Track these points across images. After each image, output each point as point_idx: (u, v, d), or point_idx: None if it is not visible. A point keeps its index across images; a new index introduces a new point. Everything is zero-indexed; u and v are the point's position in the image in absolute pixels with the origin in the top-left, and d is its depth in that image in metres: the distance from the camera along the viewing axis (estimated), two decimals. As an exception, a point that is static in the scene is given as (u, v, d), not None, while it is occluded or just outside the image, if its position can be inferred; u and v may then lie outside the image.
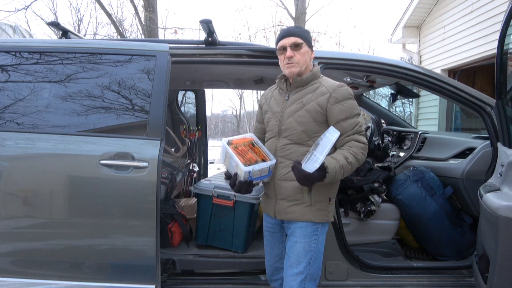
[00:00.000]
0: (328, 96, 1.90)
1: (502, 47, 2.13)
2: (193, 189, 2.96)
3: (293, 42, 1.93)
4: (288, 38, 1.95)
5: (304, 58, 1.95)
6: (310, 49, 1.99)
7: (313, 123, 1.91)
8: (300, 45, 1.93)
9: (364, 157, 1.90)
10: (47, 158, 2.23)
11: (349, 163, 1.83)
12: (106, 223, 2.22)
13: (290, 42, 1.94)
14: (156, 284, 2.22)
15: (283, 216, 1.96)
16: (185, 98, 4.47)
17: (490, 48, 5.96)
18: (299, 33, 1.96)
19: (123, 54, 2.36)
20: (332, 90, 1.91)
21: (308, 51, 1.98)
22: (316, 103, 1.91)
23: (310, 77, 1.97)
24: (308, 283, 1.89)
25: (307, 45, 1.97)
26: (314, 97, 1.93)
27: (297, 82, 1.98)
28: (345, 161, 1.83)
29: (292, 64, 1.94)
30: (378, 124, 4.41)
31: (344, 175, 1.85)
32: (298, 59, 1.93)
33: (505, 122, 2.30)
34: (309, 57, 1.98)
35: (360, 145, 1.89)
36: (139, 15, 11.46)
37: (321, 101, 1.90)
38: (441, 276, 2.53)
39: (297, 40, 1.93)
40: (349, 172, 1.86)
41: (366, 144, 1.92)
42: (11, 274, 2.21)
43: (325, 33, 24.07)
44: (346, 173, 1.86)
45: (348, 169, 1.84)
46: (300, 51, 1.94)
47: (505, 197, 1.88)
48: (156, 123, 2.25)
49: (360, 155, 1.88)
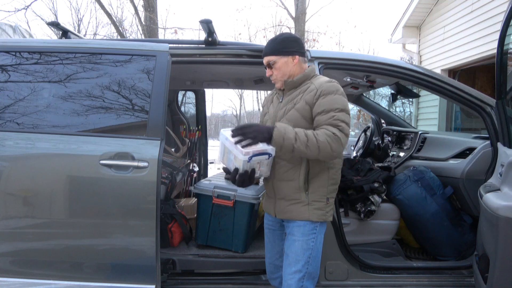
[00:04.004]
0: (315, 92, 1.91)
1: (502, 47, 2.13)
2: (193, 189, 2.96)
3: (266, 62, 2.02)
4: (264, 59, 2.03)
5: (282, 71, 1.98)
6: (291, 55, 1.98)
7: (303, 120, 1.91)
8: (273, 63, 1.99)
9: (329, 146, 1.76)
10: (47, 158, 2.23)
11: (306, 136, 1.75)
12: (106, 223, 2.22)
13: (265, 63, 2.03)
14: (156, 284, 2.21)
15: (282, 215, 1.98)
16: (185, 98, 4.47)
17: (490, 48, 5.96)
18: (270, 51, 1.99)
19: (123, 54, 2.36)
20: (319, 86, 1.92)
21: (287, 60, 1.97)
22: (304, 101, 1.92)
23: (302, 78, 1.99)
24: (306, 281, 1.90)
25: (284, 55, 1.97)
26: (303, 96, 1.94)
27: (289, 84, 2.00)
28: (303, 133, 1.76)
29: (274, 81, 2.04)
30: (378, 124, 4.41)
31: (297, 146, 1.75)
32: (275, 75, 2.01)
33: (505, 122, 2.30)
34: (291, 64, 1.98)
35: (327, 132, 1.78)
36: (139, 15, 11.46)
37: (308, 97, 1.92)
38: (441, 276, 2.53)
39: (269, 59, 2.00)
40: (303, 146, 1.74)
41: (337, 136, 1.77)
42: (11, 274, 2.21)
43: (325, 33, 24.06)
44: (300, 145, 1.74)
45: (303, 140, 1.74)
46: (276, 66, 1.99)
47: (505, 197, 1.88)
48: (156, 123, 2.25)
49: (322, 138, 1.75)
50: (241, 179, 1.88)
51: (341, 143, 1.80)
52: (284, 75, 1.99)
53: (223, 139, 1.93)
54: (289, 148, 1.77)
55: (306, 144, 1.76)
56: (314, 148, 1.76)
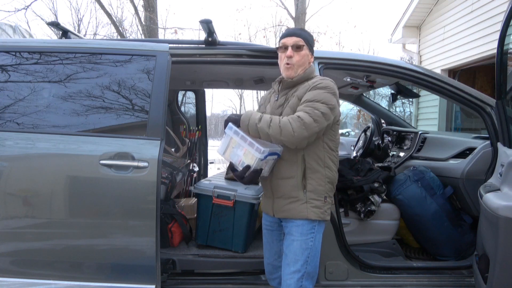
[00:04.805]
0: (307, 88, 1.93)
1: (502, 47, 2.13)
2: (193, 189, 2.96)
3: (295, 42, 1.97)
4: (291, 38, 1.98)
5: (302, 60, 1.98)
6: (311, 53, 2.03)
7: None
8: (301, 46, 1.97)
9: (290, 126, 1.79)
10: (47, 158, 2.23)
11: (271, 118, 1.84)
12: (106, 223, 2.22)
13: (292, 41, 1.98)
14: (156, 284, 2.21)
15: (280, 214, 1.99)
16: (185, 98, 4.47)
17: (490, 48, 5.96)
18: (303, 35, 2.00)
19: (123, 54, 2.36)
20: (312, 83, 1.94)
21: (308, 55, 2.01)
22: (296, 96, 1.94)
23: (301, 78, 2.00)
24: (305, 281, 1.90)
25: (308, 48, 2.01)
26: (296, 93, 1.96)
27: (287, 83, 2.01)
28: (268, 116, 1.85)
29: (290, 66, 1.98)
30: (378, 124, 4.41)
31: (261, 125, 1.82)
32: (296, 60, 1.97)
33: (505, 122, 2.30)
34: (307, 60, 2.01)
35: (293, 116, 1.83)
36: (139, 15, 11.46)
37: (300, 93, 1.94)
38: (441, 276, 2.53)
39: (299, 41, 1.97)
40: (265, 125, 1.82)
41: (301, 118, 1.80)
42: (11, 274, 2.21)
43: (325, 33, 24.19)
44: (264, 124, 1.82)
45: (266, 120, 1.82)
46: (301, 52, 1.97)
47: (505, 197, 1.88)
48: (156, 123, 2.24)
49: (285, 119, 1.81)
50: (251, 177, 1.86)
51: (304, 125, 1.79)
52: (300, 66, 1.98)
53: (232, 133, 1.89)
54: (254, 128, 1.85)
55: (269, 125, 1.82)
56: (275, 128, 1.81)
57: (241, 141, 1.86)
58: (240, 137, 1.86)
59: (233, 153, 1.90)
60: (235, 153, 1.89)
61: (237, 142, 1.87)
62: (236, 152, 1.89)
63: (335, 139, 2.00)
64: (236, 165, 1.90)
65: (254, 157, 1.82)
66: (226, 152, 1.93)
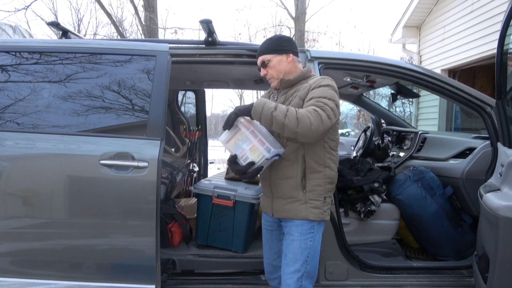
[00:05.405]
0: (308, 88, 1.93)
1: (502, 47, 2.13)
2: (193, 189, 2.96)
3: (261, 62, 2.05)
4: (258, 59, 2.07)
5: (277, 69, 2.01)
6: (285, 53, 2.01)
7: None
8: (268, 61, 2.02)
9: (308, 119, 1.74)
10: (47, 158, 2.22)
11: (287, 108, 1.77)
12: (106, 223, 2.22)
13: (259, 62, 2.07)
14: (156, 284, 2.21)
15: (279, 214, 1.99)
16: (185, 98, 4.47)
17: (490, 48, 5.96)
18: (264, 51, 2.04)
19: (123, 54, 2.36)
20: (313, 82, 1.95)
21: (282, 59, 2.01)
22: (298, 97, 1.94)
23: (299, 77, 2.01)
24: (305, 281, 1.91)
25: (278, 54, 2.01)
26: (298, 94, 1.96)
27: (285, 83, 2.02)
28: (284, 106, 1.79)
29: (270, 80, 2.07)
30: (378, 124, 4.41)
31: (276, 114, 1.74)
32: (271, 73, 2.04)
33: (505, 122, 2.30)
34: (285, 62, 2.01)
35: (309, 108, 1.78)
36: (139, 15, 11.47)
37: (302, 94, 1.94)
38: (441, 276, 2.53)
39: (263, 58, 2.04)
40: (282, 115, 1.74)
41: (318, 112, 1.76)
42: (11, 274, 2.21)
43: (325, 33, 24.13)
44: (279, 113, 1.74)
45: (283, 110, 1.75)
46: (271, 65, 2.02)
47: (505, 197, 1.88)
48: (156, 123, 2.24)
49: (302, 111, 1.76)
50: (253, 174, 1.86)
51: (321, 120, 1.77)
52: (279, 73, 2.01)
53: (241, 126, 1.86)
54: (268, 117, 1.76)
55: (285, 114, 1.75)
56: (292, 119, 1.73)
57: (251, 136, 1.82)
58: (251, 132, 1.83)
59: (238, 145, 1.87)
60: (239, 146, 1.87)
61: (245, 136, 1.84)
62: (242, 146, 1.86)
63: (335, 139, 2.00)
64: (238, 158, 1.88)
65: (261, 155, 1.81)
66: (230, 141, 1.89)
